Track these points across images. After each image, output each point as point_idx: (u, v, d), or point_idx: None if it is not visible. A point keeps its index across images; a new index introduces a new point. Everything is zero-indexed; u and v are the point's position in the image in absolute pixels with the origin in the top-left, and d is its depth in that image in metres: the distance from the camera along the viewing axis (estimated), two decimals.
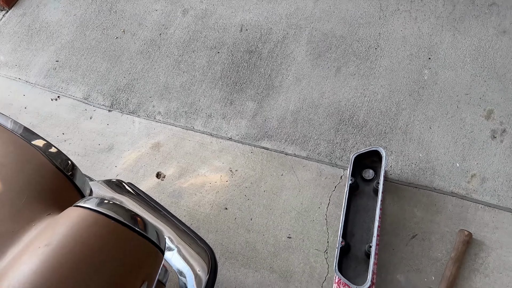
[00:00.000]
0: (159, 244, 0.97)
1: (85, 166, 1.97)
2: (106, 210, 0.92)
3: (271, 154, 1.88)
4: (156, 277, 0.98)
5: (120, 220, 0.91)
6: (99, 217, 0.91)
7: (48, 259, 0.82)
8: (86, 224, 0.90)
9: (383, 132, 1.82)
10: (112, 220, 0.90)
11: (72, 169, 1.14)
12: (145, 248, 0.94)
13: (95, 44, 2.32)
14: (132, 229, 0.92)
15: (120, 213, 0.93)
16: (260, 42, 2.14)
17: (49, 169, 1.10)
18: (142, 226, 0.95)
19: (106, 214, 0.91)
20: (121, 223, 0.91)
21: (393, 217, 1.64)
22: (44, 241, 0.85)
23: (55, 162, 1.11)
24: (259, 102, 2.00)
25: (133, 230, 0.92)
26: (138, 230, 0.93)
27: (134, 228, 0.92)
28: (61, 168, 1.11)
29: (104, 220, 0.91)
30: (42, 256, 0.82)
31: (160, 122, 2.04)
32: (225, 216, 1.77)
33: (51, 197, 1.07)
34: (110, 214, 0.91)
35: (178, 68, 2.16)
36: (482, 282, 1.49)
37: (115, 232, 0.90)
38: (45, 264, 0.81)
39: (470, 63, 1.87)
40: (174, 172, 1.90)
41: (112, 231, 0.90)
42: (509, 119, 1.73)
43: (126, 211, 0.95)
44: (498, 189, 1.63)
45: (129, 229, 0.92)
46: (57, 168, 1.10)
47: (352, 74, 1.96)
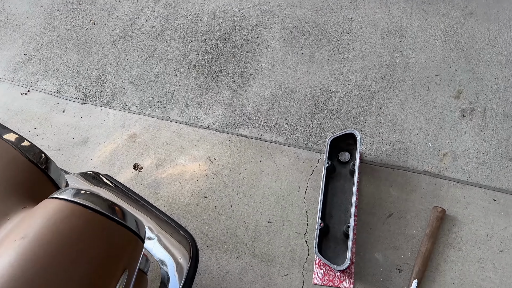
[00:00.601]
0: (139, 232, 0.97)
1: (59, 160, 1.93)
2: (83, 200, 0.91)
3: (249, 141, 1.88)
4: (137, 266, 0.98)
5: (97, 210, 0.91)
6: (75, 207, 0.90)
7: (25, 252, 0.81)
8: (63, 215, 0.89)
9: (357, 115, 1.85)
10: (89, 210, 0.90)
11: (46, 162, 1.12)
12: (125, 237, 0.93)
13: (65, 36, 2.26)
14: (110, 218, 0.92)
15: (97, 202, 0.92)
16: (233, 30, 2.13)
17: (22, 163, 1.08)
18: (120, 215, 0.94)
19: (83, 204, 0.90)
20: (99, 212, 0.91)
21: (370, 197, 1.68)
22: (20, 234, 0.84)
23: (28, 155, 1.09)
24: (235, 90, 1.99)
25: (111, 219, 0.92)
26: (117, 219, 0.92)
27: (112, 217, 0.92)
28: (35, 161, 1.09)
29: (81, 210, 0.90)
30: (19, 249, 0.81)
31: (135, 113, 2.01)
32: (205, 204, 1.77)
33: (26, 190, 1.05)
34: (87, 204, 0.90)
35: (152, 58, 2.13)
36: (456, 255, 1.55)
37: (93, 222, 0.90)
38: (22, 257, 0.80)
39: (439, 45, 1.91)
40: (151, 163, 1.88)
41: (90, 221, 0.89)
42: (477, 98, 1.79)
43: (103, 200, 0.94)
44: (468, 166, 1.68)
45: (107, 219, 0.91)
46: (30, 161, 1.08)
47: (326, 59, 1.98)
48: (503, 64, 1.82)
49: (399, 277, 1.55)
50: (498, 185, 1.63)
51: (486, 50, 1.86)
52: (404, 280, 1.54)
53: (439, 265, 1.54)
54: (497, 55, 1.84)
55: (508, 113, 1.74)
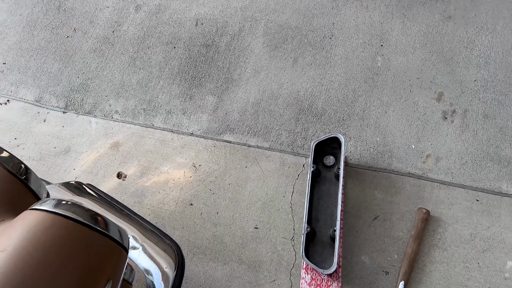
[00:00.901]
0: (122, 242, 0.95)
1: (41, 170, 1.90)
2: (64, 211, 0.89)
3: (234, 147, 1.88)
4: (121, 276, 0.96)
5: (79, 220, 0.89)
6: (56, 218, 0.88)
7: (5, 265, 0.78)
8: (44, 226, 0.86)
9: (341, 119, 1.86)
10: (70, 221, 0.88)
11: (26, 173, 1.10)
12: (108, 247, 0.92)
13: (45, 44, 2.23)
14: (92, 228, 0.90)
15: (79, 213, 0.90)
16: (216, 36, 2.13)
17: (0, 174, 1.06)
18: (103, 225, 0.92)
19: (64, 214, 0.88)
20: (81, 223, 0.89)
21: (355, 201, 1.69)
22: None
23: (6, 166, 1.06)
24: (219, 96, 1.99)
25: (94, 229, 0.90)
26: (99, 229, 0.90)
27: (94, 228, 0.90)
28: (14, 172, 1.07)
29: (62, 221, 0.88)
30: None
31: (118, 121, 1.99)
32: (190, 212, 1.76)
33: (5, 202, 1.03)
34: (68, 215, 0.88)
35: (134, 65, 2.11)
36: (441, 256, 1.56)
37: (75, 232, 0.88)
38: (2, 270, 0.78)
39: (419, 48, 1.94)
40: (135, 171, 1.86)
41: (71, 232, 0.87)
42: (458, 100, 1.82)
43: (85, 210, 0.92)
44: (451, 167, 1.71)
45: (89, 229, 0.89)
46: (9, 172, 1.06)
47: (309, 64, 1.99)
48: (482, 66, 1.86)
49: (386, 279, 1.55)
50: (480, 185, 1.66)
51: (465, 53, 1.90)
52: (391, 282, 1.55)
53: (425, 266, 1.55)
54: (476, 58, 1.88)
55: (488, 114, 1.77)
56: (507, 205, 1.61)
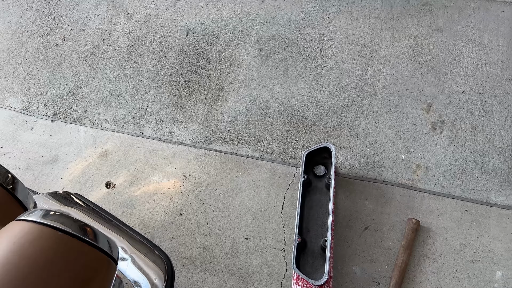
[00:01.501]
0: (112, 253, 0.93)
1: (28, 180, 1.86)
2: (52, 222, 0.87)
3: (224, 156, 1.87)
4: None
5: (67, 231, 0.87)
6: (44, 229, 0.86)
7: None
8: (31, 237, 0.84)
9: (331, 129, 1.87)
10: (59, 232, 0.86)
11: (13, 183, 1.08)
12: (97, 259, 0.90)
13: (33, 52, 2.21)
14: (81, 239, 0.88)
15: (67, 223, 0.88)
16: (207, 45, 2.13)
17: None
18: (92, 236, 0.91)
19: (52, 225, 0.86)
20: (69, 234, 0.87)
21: (346, 211, 1.69)
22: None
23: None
24: (210, 105, 1.98)
25: (83, 240, 0.88)
26: (88, 240, 0.89)
27: (83, 239, 0.88)
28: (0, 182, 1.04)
29: (50, 232, 0.86)
30: None
31: (107, 130, 1.97)
32: (180, 222, 1.74)
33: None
34: (56, 226, 0.86)
35: (124, 74, 2.10)
36: (431, 266, 1.56)
37: (63, 244, 0.86)
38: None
39: (409, 59, 1.97)
40: (124, 181, 1.84)
41: (60, 243, 0.85)
42: (446, 111, 1.84)
43: (74, 221, 0.90)
44: (440, 178, 1.72)
45: (78, 240, 0.87)
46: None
47: (300, 74, 2.00)
48: (470, 78, 1.89)
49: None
50: (469, 195, 1.67)
51: (453, 65, 1.92)
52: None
53: (415, 276, 1.55)
54: (463, 69, 1.91)
55: (476, 125, 1.79)
56: (495, 215, 1.62)
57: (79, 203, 1.43)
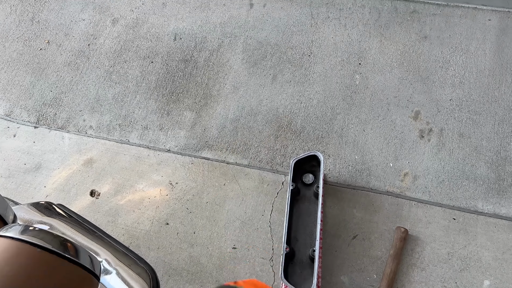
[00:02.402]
0: (94, 269, 0.90)
1: (9, 188, 1.82)
2: (31, 238, 0.84)
3: (212, 164, 1.85)
4: None
5: (47, 248, 0.84)
6: (23, 246, 0.82)
7: None
8: (8, 255, 0.81)
9: (320, 137, 1.86)
10: (38, 249, 0.83)
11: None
12: (78, 276, 0.87)
13: (17, 57, 2.16)
14: (62, 256, 0.85)
15: (47, 239, 0.85)
16: (195, 51, 2.10)
17: None
18: (73, 252, 0.87)
19: (31, 242, 0.83)
20: (49, 250, 0.84)
21: (334, 219, 1.68)
22: None
23: None
24: (197, 112, 1.96)
25: (63, 257, 0.85)
26: (69, 257, 0.86)
27: (63, 255, 0.85)
28: None
29: (29, 250, 0.82)
30: None
31: (92, 137, 1.93)
32: (166, 231, 1.71)
33: None
34: (35, 242, 0.83)
35: (110, 80, 2.06)
36: (420, 275, 1.56)
37: (42, 261, 0.82)
38: None
39: (397, 67, 1.97)
40: (109, 189, 1.80)
41: (39, 260, 0.82)
42: (434, 119, 1.84)
43: (54, 237, 0.87)
44: (428, 186, 1.72)
45: (58, 257, 0.84)
46: None
47: (288, 81, 1.99)
48: (457, 86, 1.89)
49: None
50: (457, 203, 1.67)
51: (440, 72, 1.93)
52: None
53: (403, 286, 1.55)
54: (451, 77, 1.91)
55: (464, 133, 1.80)
56: (482, 223, 1.63)
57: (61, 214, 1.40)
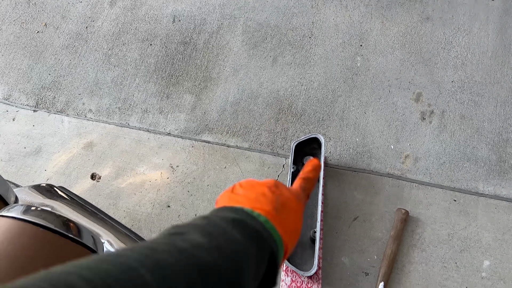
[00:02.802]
0: (96, 249, 0.91)
1: (10, 172, 1.81)
2: (33, 218, 0.84)
3: (212, 147, 1.84)
4: None
5: (49, 227, 0.84)
6: (25, 225, 0.82)
7: None
8: (11, 235, 0.81)
9: (321, 119, 1.85)
10: (40, 228, 0.83)
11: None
12: (81, 255, 0.87)
13: (14, 40, 2.13)
14: (64, 235, 0.85)
15: (49, 219, 0.85)
16: (194, 33, 2.08)
17: None
18: (75, 231, 0.88)
19: (33, 221, 0.83)
20: (52, 230, 0.84)
21: (335, 201, 1.68)
22: None
23: None
24: (197, 95, 1.95)
25: (66, 236, 0.85)
26: (71, 236, 0.86)
27: (66, 235, 0.85)
28: None
29: (31, 229, 0.82)
30: None
31: (91, 120, 1.92)
32: (168, 214, 1.71)
33: None
34: (38, 222, 0.83)
35: (109, 63, 2.04)
36: (420, 256, 1.57)
37: (45, 240, 0.83)
38: None
39: (398, 49, 1.95)
40: (110, 172, 1.80)
41: (42, 239, 0.82)
42: (436, 101, 1.83)
43: (56, 217, 0.87)
44: (429, 168, 1.72)
45: (61, 236, 0.84)
46: None
47: (289, 64, 1.97)
48: (459, 67, 1.88)
49: (366, 280, 1.55)
50: (457, 185, 1.68)
51: (443, 54, 1.91)
52: (371, 283, 1.55)
53: (404, 266, 1.56)
54: (453, 59, 1.90)
55: (465, 115, 1.79)
56: (483, 205, 1.63)
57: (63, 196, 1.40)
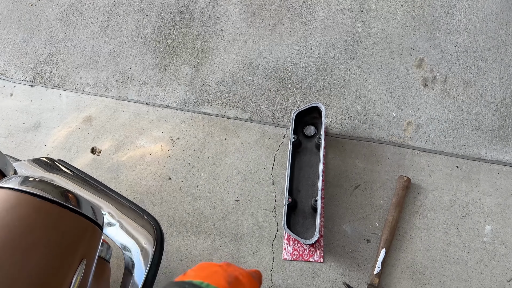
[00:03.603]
0: (96, 219, 0.91)
1: (10, 147, 1.81)
2: (31, 188, 0.83)
3: (212, 119, 1.82)
4: (96, 254, 0.92)
5: (48, 198, 0.83)
6: (23, 196, 0.82)
7: None
8: (9, 205, 0.81)
9: (321, 88, 1.82)
10: (38, 198, 0.82)
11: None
12: (80, 225, 0.87)
13: (7, 14, 2.09)
14: (63, 206, 0.85)
15: (47, 190, 0.85)
16: (191, 2, 2.03)
17: None
18: (74, 202, 0.87)
19: (31, 192, 0.83)
20: (50, 200, 0.83)
21: (336, 170, 1.67)
22: None
23: None
24: (195, 66, 1.92)
25: (65, 207, 0.85)
26: (70, 207, 0.85)
27: (65, 205, 0.85)
28: None
29: (29, 199, 0.82)
30: None
31: (89, 94, 1.90)
32: (169, 186, 1.71)
33: None
34: (35, 192, 0.83)
35: (104, 35, 2.00)
36: (422, 222, 1.57)
37: (43, 211, 0.82)
38: None
39: (400, 13, 1.90)
40: (110, 146, 1.79)
41: (39, 210, 0.82)
42: (438, 67, 1.80)
43: (54, 187, 0.86)
44: (431, 135, 1.70)
45: (59, 207, 0.84)
46: None
47: (288, 32, 1.93)
48: (463, 31, 1.83)
49: (367, 247, 1.56)
50: (460, 151, 1.66)
51: (445, 18, 1.86)
52: (372, 250, 1.56)
53: (405, 233, 1.56)
54: (456, 23, 1.85)
55: (468, 81, 1.76)
56: (485, 170, 1.62)
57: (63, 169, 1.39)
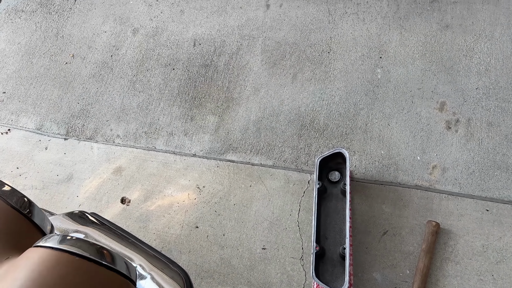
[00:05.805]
0: (130, 275, 0.93)
1: (44, 199, 1.88)
2: (69, 247, 0.87)
3: (237, 166, 1.86)
4: None
5: (85, 256, 0.87)
6: (62, 255, 0.86)
7: None
8: (49, 264, 0.84)
9: (344, 133, 1.85)
10: (76, 257, 0.86)
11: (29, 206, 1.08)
12: (115, 282, 0.89)
13: (44, 72, 2.23)
14: (99, 263, 0.88)
15: (84, 248, 0.88)
16: (215, 55, 2.13)
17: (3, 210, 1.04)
18: (109, 259, 0.90)
19: (69, 251, 0.86)
20: (87, 258, 0.87)
21: (363, 216, 1.66)
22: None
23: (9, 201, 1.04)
24: (220, 115, 1.98)
25: (100, 264, 0.88)
26: (106, 264, 0.88)
27: (101, 262, 0.88)
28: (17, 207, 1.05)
29: (68, 258, 0.86)
30: None
31: (119, 146, 1.98)
32: (196, 235, 1.73)
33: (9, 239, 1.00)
34: (73, 251, 0.86)
35: (134, 89, 2.11)
36: (454, 269, 1.53)
37: (81, 269, 0.86)
38: None
39: (419, 58, 1.94)
40: (139, 196, 1.84)
41: (77, 268, 0.85)
42: (460, 109, 1.80)
43: (90, 245, 0.90)
44: (458, 178, 1.69)
45: (95, 264, 0.87)
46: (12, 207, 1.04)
47: (309, 79, 1.99)
48: (483, 73, 1.85)
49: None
50: (489, 194, 1.63)
51: (465, 61, 1.89)
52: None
53: (438, 280, 1.52)
54: (476, 65, 1.87)
55: (492, 122, 1.76)
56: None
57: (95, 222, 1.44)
